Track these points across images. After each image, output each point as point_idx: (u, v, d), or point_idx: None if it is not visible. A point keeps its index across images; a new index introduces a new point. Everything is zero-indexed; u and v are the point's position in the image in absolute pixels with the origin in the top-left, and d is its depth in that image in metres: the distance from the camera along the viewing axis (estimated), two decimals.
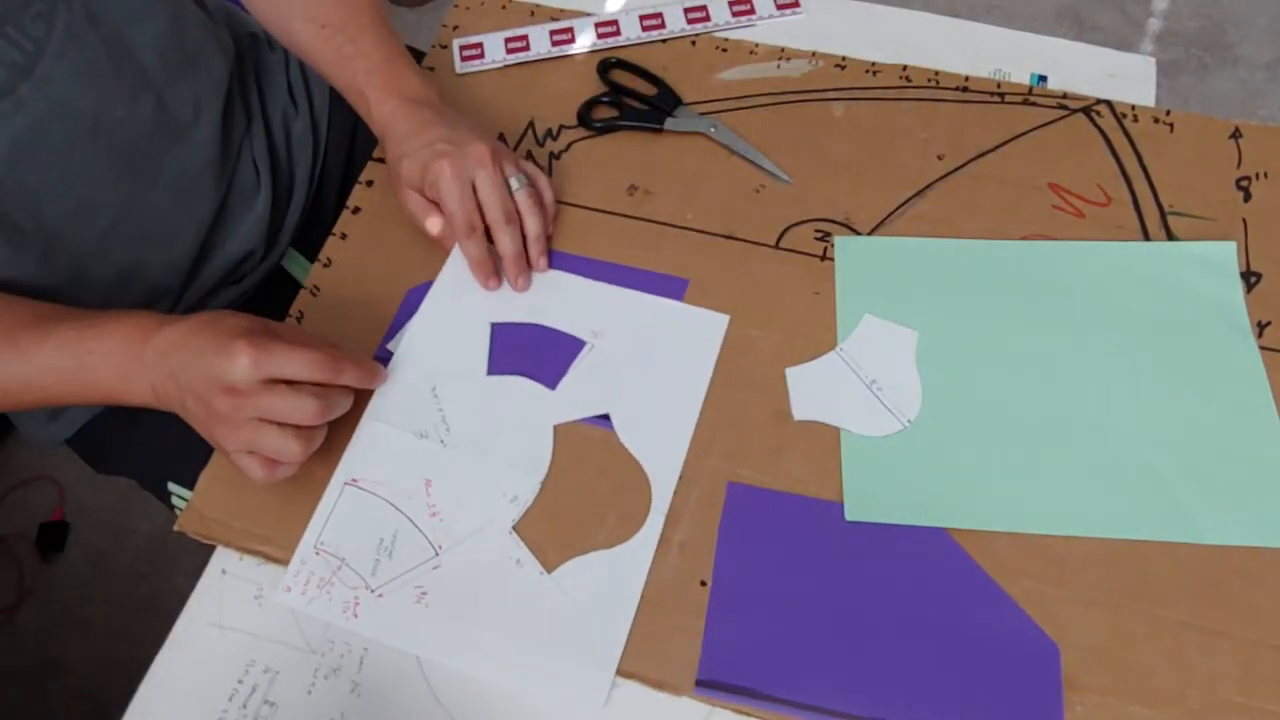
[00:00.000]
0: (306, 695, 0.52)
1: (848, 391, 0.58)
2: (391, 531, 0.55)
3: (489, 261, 0.61)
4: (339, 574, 0.54)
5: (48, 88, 0.56)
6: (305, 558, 0.54)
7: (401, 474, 0.56)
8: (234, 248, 0.71)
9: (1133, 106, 0.67)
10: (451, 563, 0.54)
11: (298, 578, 0.54)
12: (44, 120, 0.56)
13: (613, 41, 0.74)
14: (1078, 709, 0.48)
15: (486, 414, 0.58)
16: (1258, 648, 0.49)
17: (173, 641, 0.54)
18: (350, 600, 0.53)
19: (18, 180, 0.57)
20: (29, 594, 1.31)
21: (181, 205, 0.66)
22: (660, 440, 0.57)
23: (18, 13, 0.54)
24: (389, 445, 0.57)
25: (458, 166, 0.59)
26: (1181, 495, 0.53)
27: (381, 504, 0.55)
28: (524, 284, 0.62)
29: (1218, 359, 0.57)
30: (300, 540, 0.55)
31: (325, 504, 0.56)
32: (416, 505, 0.55)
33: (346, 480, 0.56)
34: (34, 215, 0.58)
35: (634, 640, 0.51)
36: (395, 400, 0.58)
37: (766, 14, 0.75)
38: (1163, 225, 0.62)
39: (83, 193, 0.60)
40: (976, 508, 0.54)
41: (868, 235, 0.64)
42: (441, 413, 0.58)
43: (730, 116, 0.70)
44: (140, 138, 0.62)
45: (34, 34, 0.55)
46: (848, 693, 0.49)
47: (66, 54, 0.56)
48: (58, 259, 0.61)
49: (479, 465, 0.56)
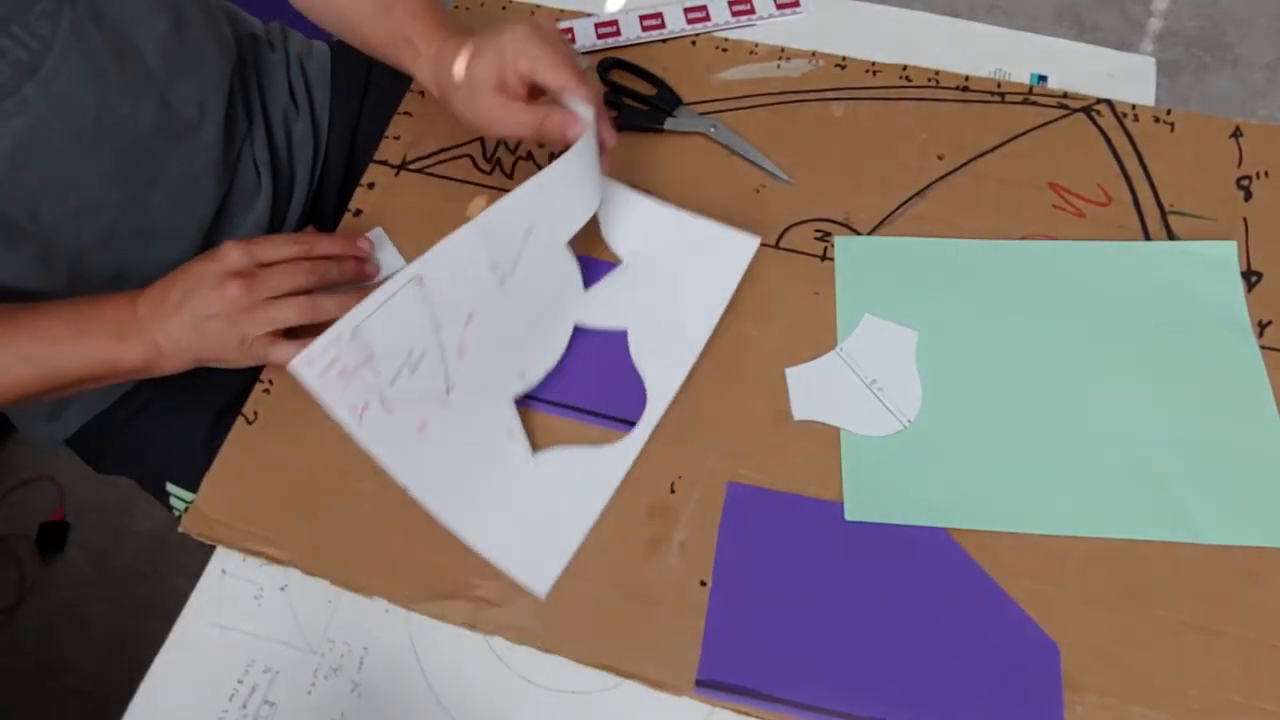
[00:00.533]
0: (306, 695, 0.52)
1: (848, 391, 0.58)
2: (423, 349, 0.53)
3: None
4: (363, 369, 0.51)
5: (52, 87, 0.55)
6: (340, 338, 0.49)
7: (458, 295, 0.54)
8: None
9: (1133, 106, 0.67)
10: (455, 406, 0.54)
11: (324, 355, 0.49)
12: (47, 120, 0.56)
13: (612, 41, 0.74)
14: (1078, 709, 0.48)
15: (537, 281, 0.58)
16: (1258, 647, 0.49)
17: (173, 641, 0.54)
18: (361, 403, 0.51)
19: (19, 180, 0.56)
20: (29, 594, 1.31)
21: (183, 205, 0.66)
22: (665, 358, 0.58)
23: (23, 11, 0.54)
24: (464, 260, 0.54)
25: (553, 42, 0.55)
26: (1182, 495, 0.53)
27: (429, 316, 0.53)
28: (613, 137, 0.58)
29: (1218, 358, 0.57)
30: (342, 320, 0.50)
31: (384, 291, 0.51)
32: (452, 334, 0.54)
33: (414, 276, 0.52)
34: (33, 214, 0.58)
35: (634, 640, 0.52)
36: (495, 227, 0.54)
37: (766, 14, 0.75)
38: (1163, 225, 0.62)
39: (84, 192, 0.60)
40: (976, 508, 0.54)
41: (868, 235, 0.64)
42: (518, 256, 0.56)
43: (730, 116, 0.70)
44: (143, 137, 0.62)
45: (40, 32, 0.54)
46: (848, 693, 0.49)
47: (71, 53, 0.56)
48: (56, 258, 0.60)
49: (510, 326, 0.57)
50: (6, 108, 0.54)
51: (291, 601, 0.55)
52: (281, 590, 0.55)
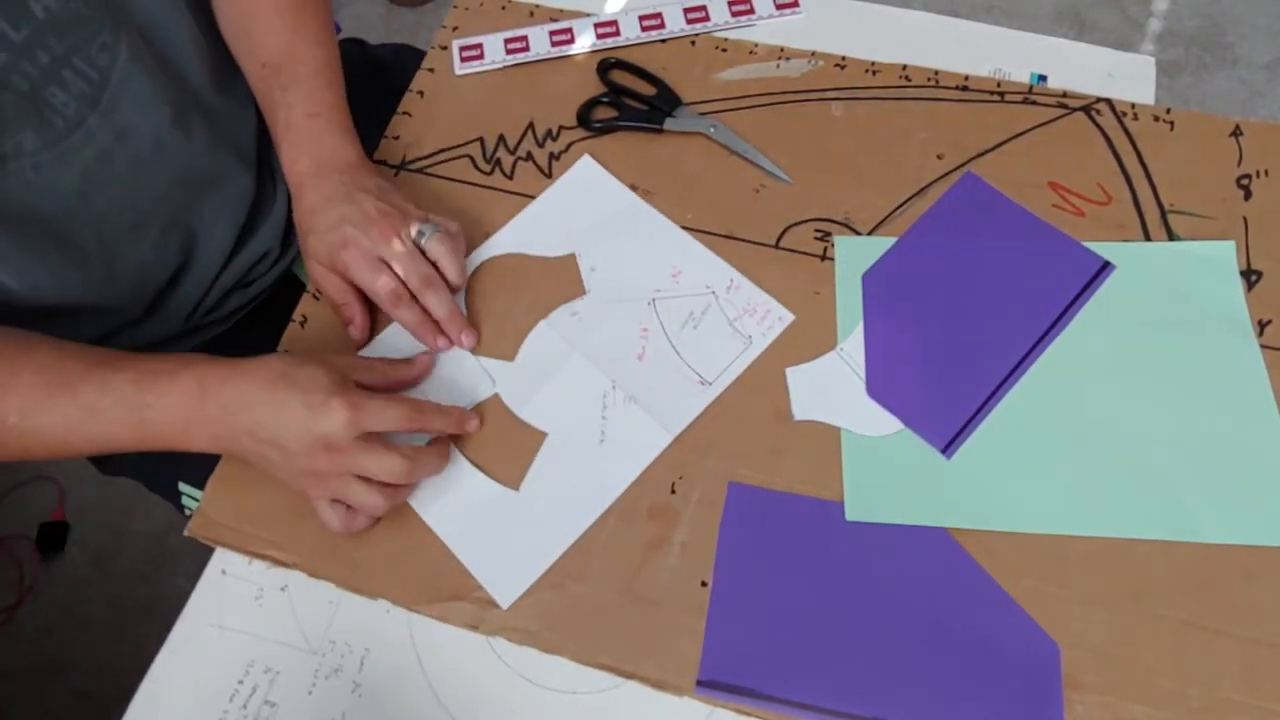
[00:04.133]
0: (307, 695, 0.52)
1: (848, 391, 0.58)
2: None
3: (428, 321, 0.59)
4: None
5: (114, 117, 0.57)
6: None
7: None
8: (251, 252, 0.71)
9: (1133, 105, 0.67)
10: None
11: None
12: (111, 149, 0.57)
13: (612, 42, 0.74)
14: (1078, 708, 0.48)
15: None
16: (1258, 646, 0.49)
17: (173, 642, 0.54)
18: None
19: (87, 209, 0.58)
20: (29, 594, 1.31)
21: (224, 210, 0.67)
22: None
23: (85, 45, 0.55)
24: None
25: (363, 249, 0.57)
26: (1182, 494, 0.53)
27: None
28: (469, 339, 0.60)
29: (1218, 358, 0.57)
30: None
31: None
32: None
33: None
34: (98, 238, 0.60)
35: (634, 640, 0.52)
36: None
37: (766, 14, 0.75)
38: (1163, 224, 0.62)
39: (141, 210, 0.61)
40: (976, 508, 0.54)
41: (868, 235, 0.64)
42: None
43: (730, 116, 0.70)
44: (194, 155, 0.63)
45: (99, 64, 0.56)
46: (848, 692, 0.49)
47: (130, 82, 0.57)
48: (121, 270, 0.62)
49: None
50: (76, 140, 0.56)
51: (292, 602, 0.55)
52: (282, 590, 0.55)
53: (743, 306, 0.61)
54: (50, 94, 0.54)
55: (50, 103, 0.54)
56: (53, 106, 0.54)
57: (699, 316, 0.61)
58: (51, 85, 0.54)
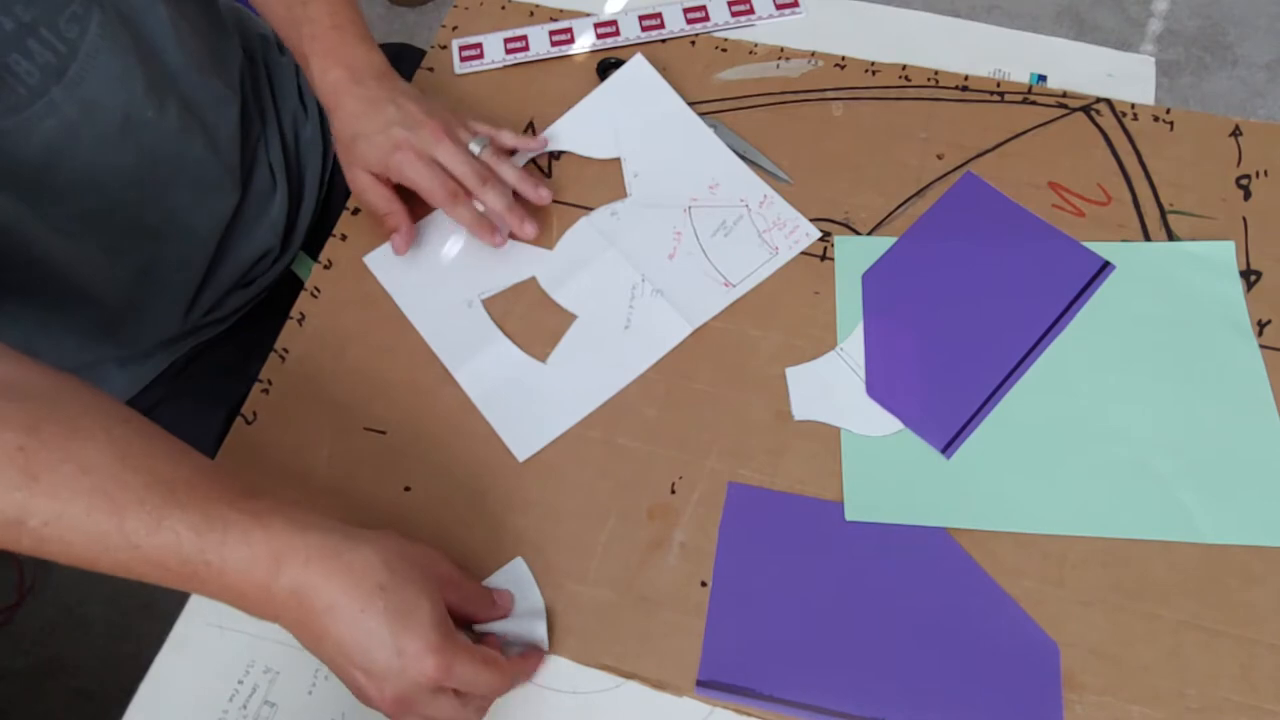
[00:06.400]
0: (307, 695, 0.52)
1: (848, 391, 0.58)
2: None
3: (484, 220, 0.62)
4: None
5: (79, 90, 0.56)
6: None
7: None
8: (249, 251, 0.71)
9: (1132, 105, 0.67)
10: None
11: None
12: (75, 123, 0.56)
13: (612, 42, 0.74)
14: (1078, 708, 0.48)
15: None
16: (1257, 646, 0.49)
17: (173, 641, 0.54)
18: None
19: (45, 182, 0.57)
20: (29, 594, 1.31)
21: (201, 205, 0.66)
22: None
23: (53, 15, 0.54)
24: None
25: (416, 150, 0.59)
26: (1181, 494, 0.53)
27: None
28: (530, 229, 0.62)
29: (1218, 358, 0.57)
30: None
31: None
32: None
33: None
34: (62, 214, 0.58)
35: (634, 640, 0.52)
36: None
37: (766, 14, 0.75)
38: (1163, 224, 0.62)
39: (108, 192, 0.60)
40: (976, 508, 0.54)
41: (867, 235, 0.64)
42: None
43: (730, 116, 0.70)
44: (166, 138, 0.62)
45: (68, 36, 0.55)
46: (848, 693, 0.49)
47: (99, 56, 0.56)
48: (85, 257, 0.61)
49: None
50: (37, 110, 0.54)
51: None
52: None
53: (773, 220, 0.64)
54: (14, 61, 0.52)
55: (14, 70, 0.53)
56: (15, 74, 0.53)
57: (730, 226, 0.64)
58: (14, 53, 0.52)
